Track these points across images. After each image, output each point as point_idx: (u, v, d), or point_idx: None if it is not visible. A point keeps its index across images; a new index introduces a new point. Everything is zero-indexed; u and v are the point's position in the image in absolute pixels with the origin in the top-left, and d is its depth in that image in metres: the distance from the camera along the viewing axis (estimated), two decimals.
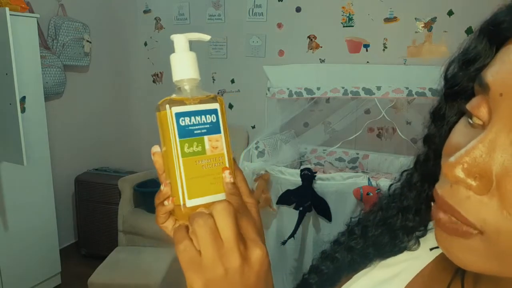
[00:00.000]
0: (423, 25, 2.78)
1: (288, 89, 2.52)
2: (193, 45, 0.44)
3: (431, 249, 0.47)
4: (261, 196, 2.21)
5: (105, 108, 3.62)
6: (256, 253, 0.37)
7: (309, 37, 3.08)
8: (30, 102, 2.48)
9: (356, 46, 2.97)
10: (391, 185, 0.50)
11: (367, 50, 2.94)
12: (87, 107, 3.43)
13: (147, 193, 2.93)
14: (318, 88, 2.49)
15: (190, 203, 0.38)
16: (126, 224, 2.90)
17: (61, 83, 2.99)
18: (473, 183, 0.29)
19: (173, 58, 0.41)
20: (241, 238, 0.37)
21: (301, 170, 2.21)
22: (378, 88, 2.32)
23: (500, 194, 0.29)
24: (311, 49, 3.09)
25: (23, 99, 2.39)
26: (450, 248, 0.33)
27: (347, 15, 2.95)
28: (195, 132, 0.38)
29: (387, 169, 2.72)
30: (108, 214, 3.05)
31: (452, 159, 0.30)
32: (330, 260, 0.55)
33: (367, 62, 2.93)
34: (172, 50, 0.41)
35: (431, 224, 0.48)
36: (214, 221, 0.36)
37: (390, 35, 2.86)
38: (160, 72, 3.64)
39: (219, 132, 0.39)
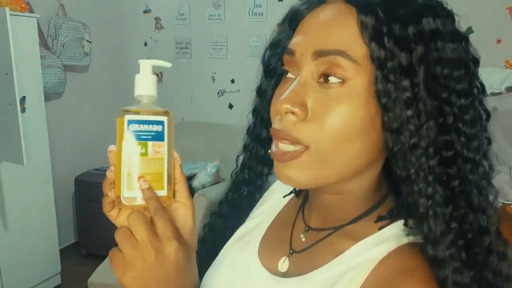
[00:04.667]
0: None
1: None
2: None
3: (284, 196, 0.63)
4: None
5: (105, 108, 3.61)
6: (169, 247, 0.44)
7: None
8: (30, 102, 2.48)
9: None
10: (238, 156, 0.65)
11: None
12: (87, 107, 3.43)
13: None
14: None
15: (127, 194, 0.45)
16: None
17: (61, 83, 2.99)
18: (297, 110, 0.42)
19: (137, 77, 0.48)
20: (155, 236, 0.44)
21: None
22: None
23: (315, 118, 0.42)
24: None
25: (23, 99, 2.38)
26: (285, 172, 0.44)
27: None
28: (141, 137, 0.46)
29: None
30: None
31: (281, 97, 0.44)
32: (210, 229, 0.67)
33: None
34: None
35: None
36: (129, 230, 0.44)
37: None
38: (160, 72, 3.64)
39: (163, 140, 0.46)
